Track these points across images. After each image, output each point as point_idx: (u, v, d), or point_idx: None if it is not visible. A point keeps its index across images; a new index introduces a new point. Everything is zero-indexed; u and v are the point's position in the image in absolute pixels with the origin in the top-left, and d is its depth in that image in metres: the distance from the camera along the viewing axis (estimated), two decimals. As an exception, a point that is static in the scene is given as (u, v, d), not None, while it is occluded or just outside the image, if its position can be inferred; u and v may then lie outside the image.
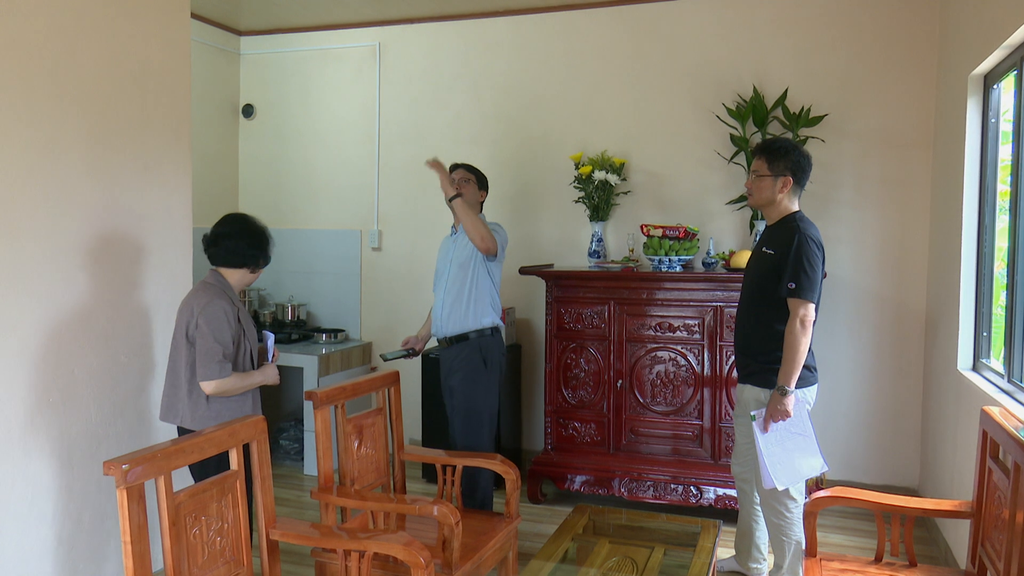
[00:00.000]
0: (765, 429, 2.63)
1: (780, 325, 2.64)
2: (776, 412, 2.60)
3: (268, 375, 2.60)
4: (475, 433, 3.15)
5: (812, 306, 2.59)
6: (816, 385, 2.75)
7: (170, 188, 2.99)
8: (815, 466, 2.65)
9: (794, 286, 2.58)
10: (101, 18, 2.67)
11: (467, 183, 3.30)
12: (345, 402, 2.61)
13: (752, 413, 2.68)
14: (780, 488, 2.64)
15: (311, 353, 4.26)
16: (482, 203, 3.40)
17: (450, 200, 3.15)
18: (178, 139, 3.03)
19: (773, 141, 2.78)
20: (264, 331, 2.70)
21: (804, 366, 2.62)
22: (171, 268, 3.01)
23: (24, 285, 2.43)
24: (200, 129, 4.45)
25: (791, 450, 2.63)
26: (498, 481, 4.00)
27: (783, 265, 2.61)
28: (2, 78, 2.34)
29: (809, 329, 2.59)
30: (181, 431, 2.51)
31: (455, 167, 3.37)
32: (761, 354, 2.72)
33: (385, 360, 3.35)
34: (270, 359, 2.66)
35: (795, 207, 2.75)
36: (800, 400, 2.65)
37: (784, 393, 2.58)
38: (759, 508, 2.89)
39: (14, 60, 2.37)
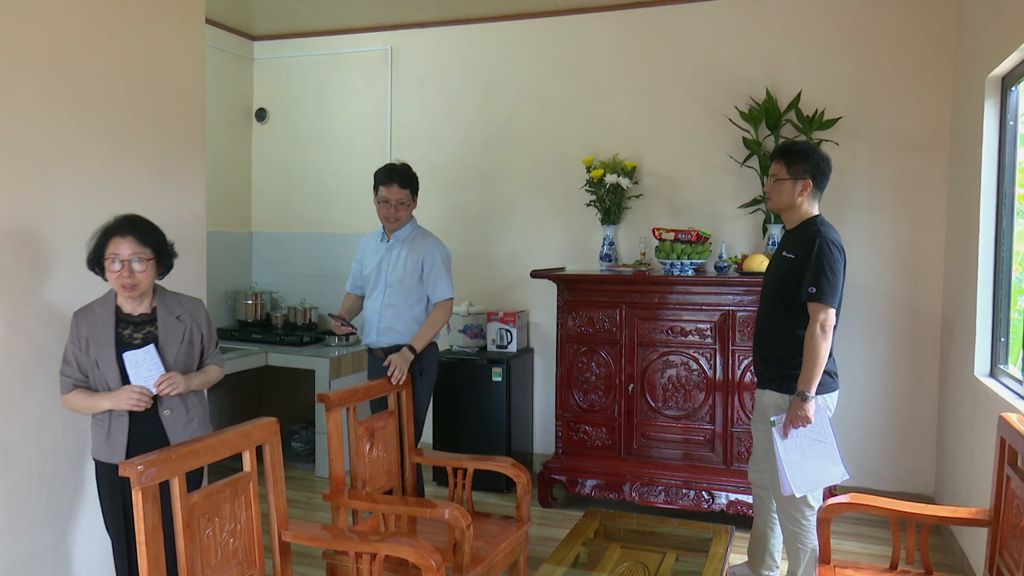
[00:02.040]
0: (785, 435, 2.61)
1: (800, 330, 2.61)
2: (796, 418, 2.57)
3: (114, 400, 2.17)
4: None
5: (832, 311, 2.56)
6: (837, 391, 2.72)
7: (184, 192, 3.01)
8: (836, 474, 2.61)
9: (815, 290, 2.56)
10: (116, 24, 2.69)
11: (403, 206, 3.16)
12: (357, 405, 2.61)
13: (772, 419, 2.65)
14: (798, 495, 2.61)
15: (323, 356, 4.27)
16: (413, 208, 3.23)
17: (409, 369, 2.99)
18: (192, 144, 3.05)
19: (792, 144, 2.75)
20: (128, 352, 2.21)
21: (825, 372, 2.59)
22: (184, 272, 3.02)
23: (40, 288, 2.45)
24: (214, 133, 4.47)
25: (811, 457, 2.60)
26: (509, 484, 4.02)
27: (804, 269, 2.58)
28: (18, 83, 2.37)
29: (829, 334, 2.56)
30: None
31: (388, 180, 3.15)
32: (781, 359, 2.69)
33: (328, 315, 3.48)
34: (136, 380, 2.20)
35: (815, 211, 2.72)
36: (821, 406, 2.62)
37: (805, 399, 2.56)
38: (775, 515, 2.87)
39: (30, 66, 2.40)
